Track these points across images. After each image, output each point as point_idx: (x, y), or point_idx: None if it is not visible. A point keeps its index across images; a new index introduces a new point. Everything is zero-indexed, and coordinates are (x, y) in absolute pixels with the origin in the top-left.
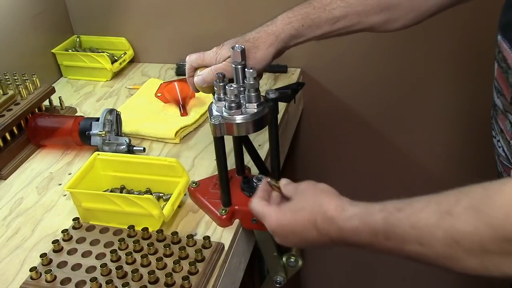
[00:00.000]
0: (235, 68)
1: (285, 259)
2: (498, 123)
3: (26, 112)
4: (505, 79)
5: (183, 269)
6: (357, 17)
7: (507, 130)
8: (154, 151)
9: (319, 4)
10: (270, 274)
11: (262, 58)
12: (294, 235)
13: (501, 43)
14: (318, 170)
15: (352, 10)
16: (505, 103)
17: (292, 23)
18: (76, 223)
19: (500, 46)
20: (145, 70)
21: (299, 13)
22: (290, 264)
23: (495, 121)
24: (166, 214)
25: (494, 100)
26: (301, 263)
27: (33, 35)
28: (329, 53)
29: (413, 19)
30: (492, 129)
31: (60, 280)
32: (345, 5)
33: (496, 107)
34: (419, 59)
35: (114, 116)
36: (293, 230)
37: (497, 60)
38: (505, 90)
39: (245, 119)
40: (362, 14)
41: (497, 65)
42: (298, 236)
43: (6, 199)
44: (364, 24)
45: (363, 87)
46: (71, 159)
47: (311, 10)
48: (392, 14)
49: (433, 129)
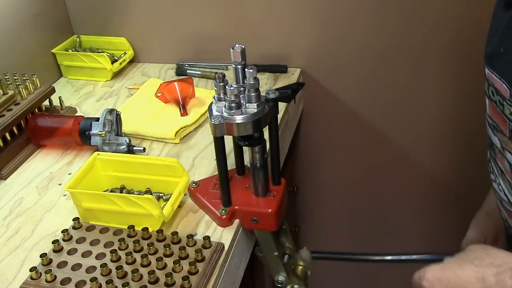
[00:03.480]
0: (235, 68)
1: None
2: (497, 164)
3: (26, 112)
4: (500, 113)
5: (183, 269)
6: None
7: (506, 170)
8: (154, 151)
9: None
10: (271, 274)
11: None
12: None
13: (490, 76)
14: (318, 170)
15: None
16: (503, 139)
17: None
18: (76, 223)
19: (489, 80)
20: (145, 70)
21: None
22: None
23: (493, 163)
24: (166, 214)
25: (490, 139)
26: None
27: (33, 35)
28: (329, 53)
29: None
30: (491, 173)
31: (60, 280)
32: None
33: (493, 146)
34: (419, 59)
35: (114, 116)
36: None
37: (488, 95)
38: (501, 125)
39: (245, 119)
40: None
41: (489, 100)
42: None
43: (6, 199)
44: None
45: (363, 87)
46: (71, 159)
47: None
48: None
49: (433, 128)
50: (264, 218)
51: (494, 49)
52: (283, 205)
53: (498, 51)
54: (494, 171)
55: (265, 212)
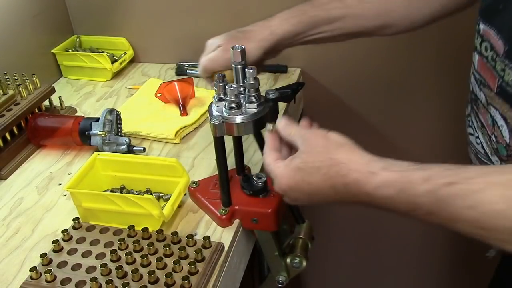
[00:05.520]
0: (235, 68)
1: (289, 260)
2: (478, 118)
3: (26, 112)
4: (489, 69)
5: (183, 269)
6: (354, 19)
7: (488, 124)
8: (154, 151)
9: (318, 3)
10: (272, 274)
11: (251, 52)
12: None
13: (486, 32)
14: None
15: (350, 12)
16: (489, 95)
17: (288, 19)
18: (76, 223)
19: (484, 35)
20: (145, 70)
21: (297, 10)
22: (294, 265)
23: (474, 117)
24: (166, 214)
25: (475, 94)
26: (305, 264)
27: (33, 35)
28: (329, 53)
29: (407, 27)
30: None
31: (60, 280)
32: (343, 6)
33: (477, 101)
34: (420, 59)
35: (114, 116)
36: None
37: (478, 51)
38: (490, 81)
39: (245, 119)
40: (359, 17)
41: (479, 56)
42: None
43: (6, 199)
44: (360, 28)
45: (363, 87)
46: (71, 159)
47: (309, 8)
48: (388, 20)
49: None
50: (264, 218)
51: (492, 4)
52: (283, 205)
53: (497, 7)
54: (474, 125)
55: (265, 212)
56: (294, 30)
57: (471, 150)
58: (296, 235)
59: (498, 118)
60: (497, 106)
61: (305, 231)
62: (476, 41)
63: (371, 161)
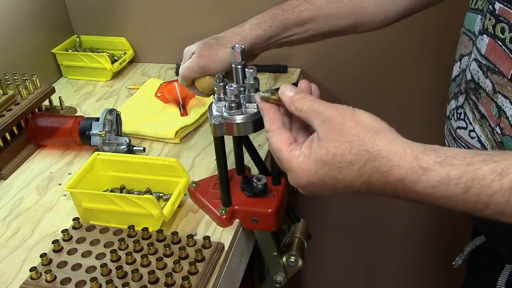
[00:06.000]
0: (235, 68)
1: (285, 259)
2: (478, 109)
3: (26, 112)
4: (504, 53)
5: (183, 269)
6: (325, 19)
7: (491, 115)
8: (154, 151)
9: (288, 6)
10: (270, 274)
11: (225, 57)
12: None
13: (506, 12)
14: None
15: (320, 13)
16: (499, 82)
17: (260, 24)
18: (76, 223)
19: (503, 15)
20: (145, 70)
21: (268, 15)
22: (290, 264)
23: (470, 109)
24: (166, 214)
25: (476, 83)
26: (301, 263)
27: (33, 35)
28: (329, 53)
29: (381, 23)
30: (461, 119)
31: (60, 280)
32: (313, 8)
33: (479, 90)
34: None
35: (114, 116)
36: (330, 188)
37: (491, 33)
38: (502, 66)
39: (245, 119)
40: (330, 17)
41: (490, 39)
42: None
43: (6, 199)
44: (333, 27)
45: (363, 87)
46: (71, 159)
47: (279, 12)
48: (360, 17)
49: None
50: (264, 218)
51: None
52: (283, 205)
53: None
54: (469, 117)
55: (265, 212)
56: (266, 34)
57: (459, 146)
58: (293, 234)
59: (508, 107)
60: (508, 94)
61: (301, 230)
62: (487, 23)
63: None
